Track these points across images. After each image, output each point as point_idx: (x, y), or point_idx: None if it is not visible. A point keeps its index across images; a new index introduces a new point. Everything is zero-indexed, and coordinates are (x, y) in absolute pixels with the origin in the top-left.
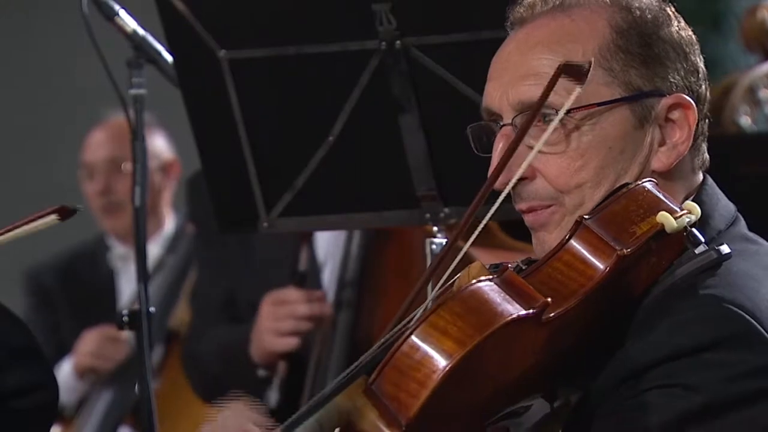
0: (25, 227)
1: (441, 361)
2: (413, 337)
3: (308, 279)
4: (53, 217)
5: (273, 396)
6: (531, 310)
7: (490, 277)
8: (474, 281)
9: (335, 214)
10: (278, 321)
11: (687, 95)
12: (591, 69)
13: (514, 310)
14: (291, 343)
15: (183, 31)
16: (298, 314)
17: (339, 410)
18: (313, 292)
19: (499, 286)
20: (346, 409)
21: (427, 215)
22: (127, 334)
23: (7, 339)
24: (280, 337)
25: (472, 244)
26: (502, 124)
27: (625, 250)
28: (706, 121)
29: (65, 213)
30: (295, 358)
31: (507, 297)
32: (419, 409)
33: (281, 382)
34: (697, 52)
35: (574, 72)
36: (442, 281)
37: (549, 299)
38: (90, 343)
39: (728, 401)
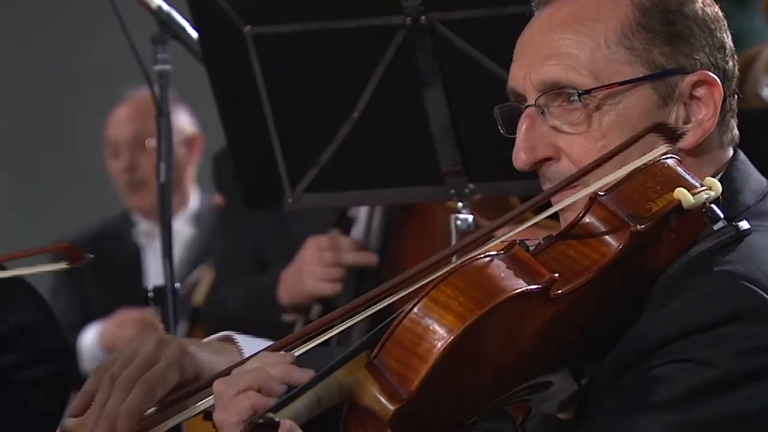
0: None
1: (441, 336)
2: (415, 311)
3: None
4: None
5: None
6: (535, 286)
7: (496, 252)
8: (479, 256)
9: (360, 189)
10: (325, 266)
11: (713, 72)
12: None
13: (518, 285)
14: (335, 288)
15: (208, 6)
16: (345, 262)
17: (340, 385)
18: (357, 240)
19: (504, 262)
20: (347, 383)
21: (452, 191)
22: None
23: (20, 310)
24: (324, 282)
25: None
26: (526, 105)
27: (639, 227)
28: (735, 97)
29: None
30: (330, 303)
31: (512, 272)
32: (420, 383)
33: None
34: (724, 28)
35: (667, 132)
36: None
37: (556, 275)
38: (126, 328)
39: (742, 376)
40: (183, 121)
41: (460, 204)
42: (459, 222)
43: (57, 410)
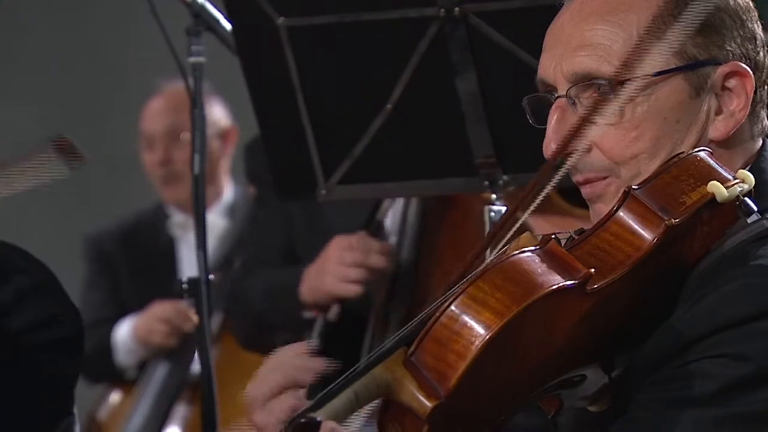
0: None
1: (479, 332)
2: (452, 308)
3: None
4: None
5: (312, 338)
6: (572, 281)
7: (532, 248)
8: (515, 252)
9: (393, 181)
10: (347, 267)
11: (744, 63)
12: None
13: (554, 280)
14: (355, 290)
15: None
16: (369, 264)
17: (377, 382)
18: (385, 245)
19: (540, 257)
20: (384, 380)
21: (486, 182)
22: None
23: (21, 275)
24: (346, 282)
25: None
26: (556, 95)
27: (673, 220)
28: (765, 88)
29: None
30: (348, 304)
31: (548, 268)
32: (458, 380)
33: (327, 324)
34: (755, 18)
35: None
36: (493, 253)
37: (592, 270)
38: (161, 321)
39: None
40: (217, 114)
41: (493, 196)
42: (493, 214)
43: (70, 372)
